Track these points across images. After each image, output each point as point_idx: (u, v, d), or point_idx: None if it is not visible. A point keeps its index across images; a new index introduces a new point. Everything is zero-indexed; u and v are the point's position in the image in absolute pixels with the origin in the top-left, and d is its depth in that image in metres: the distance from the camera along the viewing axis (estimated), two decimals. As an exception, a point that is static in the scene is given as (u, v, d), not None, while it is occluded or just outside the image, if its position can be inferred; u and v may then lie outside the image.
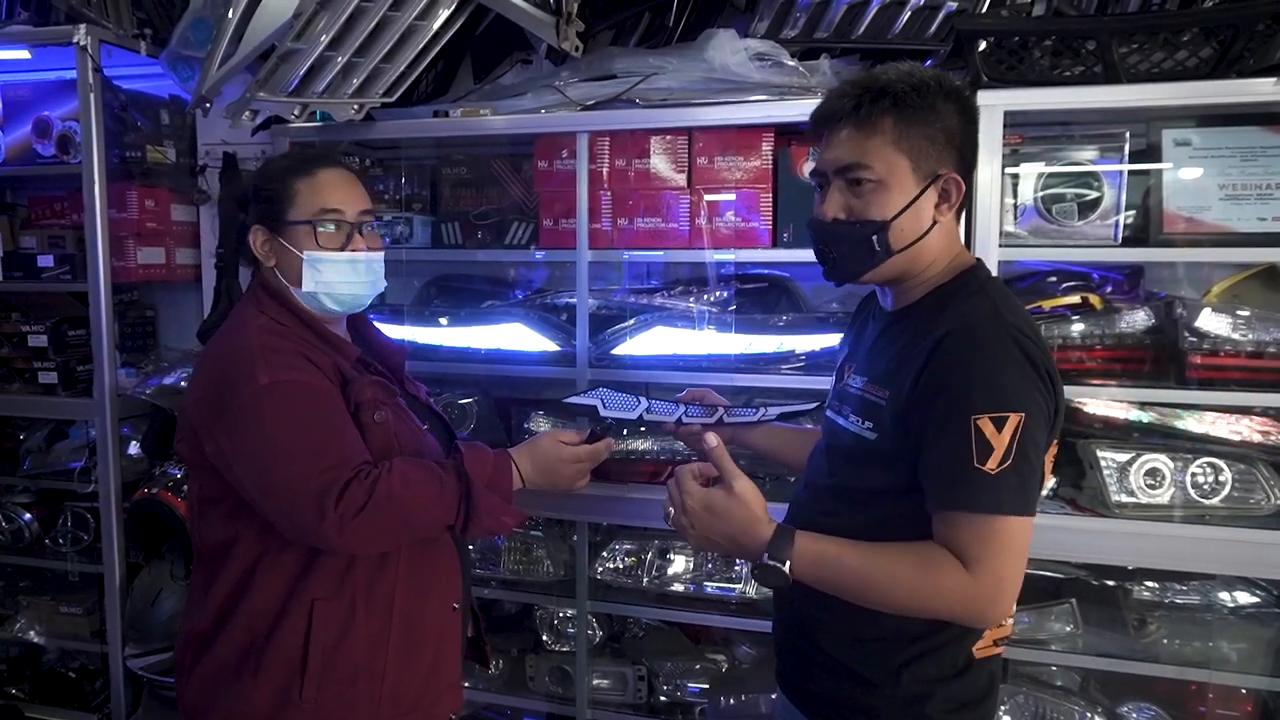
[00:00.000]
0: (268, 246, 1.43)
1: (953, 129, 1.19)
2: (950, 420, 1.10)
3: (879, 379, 1.24)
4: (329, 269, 1.41)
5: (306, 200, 1.41)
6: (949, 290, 1.23)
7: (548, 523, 2.29)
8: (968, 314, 1.17)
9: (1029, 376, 1.11)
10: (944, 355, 1.13)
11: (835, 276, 1.29)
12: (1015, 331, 1.13)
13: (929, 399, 1.13)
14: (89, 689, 2.71)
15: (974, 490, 1.09)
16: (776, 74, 1.93)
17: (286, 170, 1.44)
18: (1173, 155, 1.86)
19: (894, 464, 1.20)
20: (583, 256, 2.08)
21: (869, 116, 1.18)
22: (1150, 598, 2.00)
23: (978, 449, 1.09)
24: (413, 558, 1.44)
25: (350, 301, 1.45)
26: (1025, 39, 1.85)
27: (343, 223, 1.42)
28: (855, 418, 1.27)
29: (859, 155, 1.19)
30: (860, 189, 1.21)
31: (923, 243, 1.22)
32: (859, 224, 1.21)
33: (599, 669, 2.25)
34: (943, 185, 1.20)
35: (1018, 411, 1.09)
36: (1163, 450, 1.86)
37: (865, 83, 1.20)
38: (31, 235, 2.62)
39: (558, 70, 2.15)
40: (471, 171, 2.29)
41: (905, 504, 1.19)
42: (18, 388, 2.56)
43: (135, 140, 2.49)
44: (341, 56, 1.94)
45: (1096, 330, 1.90)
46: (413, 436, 1.46)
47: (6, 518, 2.68)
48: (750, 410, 1.66)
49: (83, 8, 2.29)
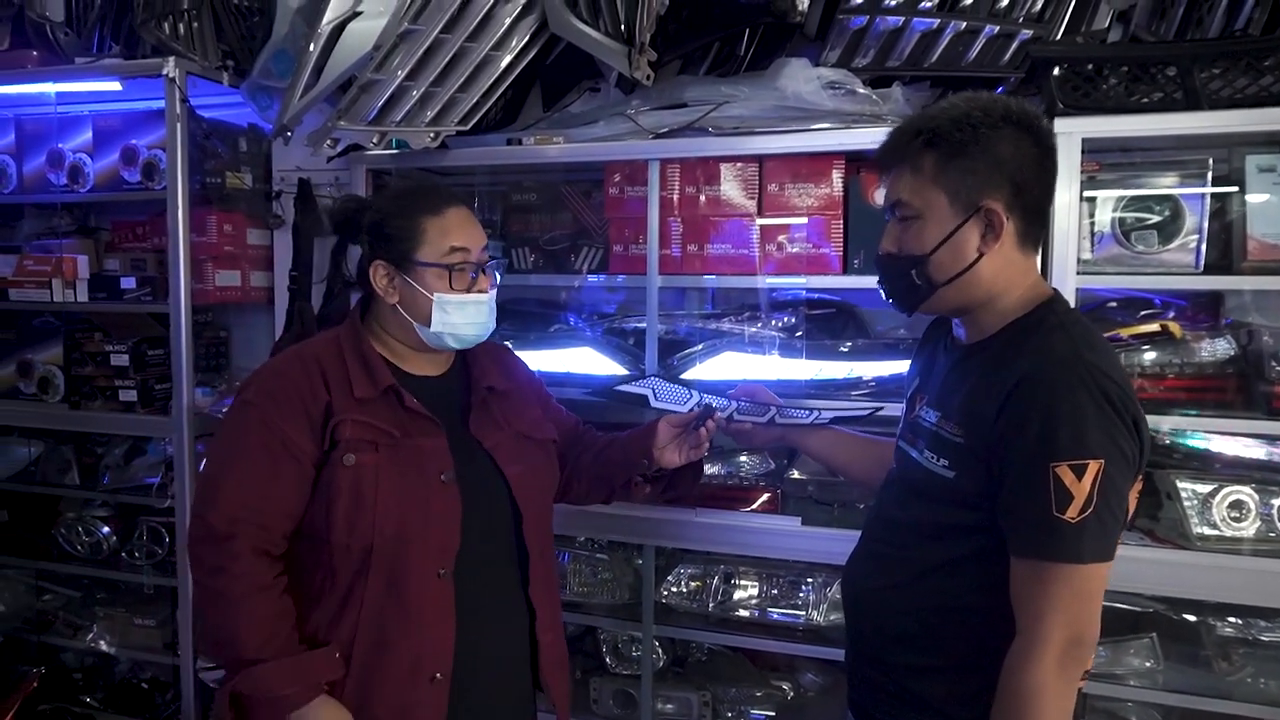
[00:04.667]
0: (391, 283, 1.43)
1: (1002, 158, 1.18)
2: (1030, 467, 1.10)
3: (955, 416, 1.23)
4: (456, 311, 1.41)
5: (436, 241, 1.41)
6: (1025, 325, 1.22)
7: (613, 545, 2.31)
8: (1046, 353, 1.15)
9: (1110, 420, 1.09)
10: (1022, 398, 1.12)
11: (897, 308, 1.33)
12: (1097, 373, 1.11)
13: (1009, 443, 1.13)
14: (160, 700, 2.77)
15: (1055, 539, 1.09)
16: (849, 102, 1.94)
17: (413, 208, 1.43)
18: (1256, 181, 1.83)
19: (971, 502, 1.19)
20: (653, 282, 2.10)
21: (908, 154, 1.22)
22: (1233, 634, 1.95)
23: (1057, 497, 1.08)
24: (379, 609, 1.34)
25: (471, 340, 1.46)
26: (1101, 65, 1.84)
27: (470, 264, 1.43)
28: (930, 454, 1.26)
29: (901, 192, 1.23)
30: (905, 225, 1.24)
31: (972, 276, 1.21)
32: (903, 258, 1.25)
33: (663, 693, 2.25)
34: (986, 217, 1.19)
35: (1098, 458, 1.08)
36: (1247, 482, 1.82)
37: (910, 121, 1.24)
38: (115, 258, 2.71)
39: (628, 98, 2.18)
40: (541, 197, 2.32)
41: (980, 541, 1.19)
42: (99, 405, 2.64)
43: (215, 167, 2.57)
44: (419, 87, 2.00)
45: (1176, 359, 1.87)
46: (409, 485, 1.36)
47: (86, 531, 2.76)
48: (805, 412, 1.65)
49: (170, 41, 2.39)
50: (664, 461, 1.56)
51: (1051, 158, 1.22)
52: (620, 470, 1.60)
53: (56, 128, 2.63)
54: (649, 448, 1.56)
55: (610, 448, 1.63)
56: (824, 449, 1.65)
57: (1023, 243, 1.23)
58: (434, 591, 1.37)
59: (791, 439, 1.65)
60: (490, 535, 1.44)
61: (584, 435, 1.70)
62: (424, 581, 1.36)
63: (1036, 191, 1.22)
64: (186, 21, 2.40)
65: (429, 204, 1.43)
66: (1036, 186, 1.21)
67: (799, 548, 2.03)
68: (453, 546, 1.38)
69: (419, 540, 1.36)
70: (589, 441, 1.68)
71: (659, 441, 1.56)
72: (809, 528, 2.02)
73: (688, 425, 1.55)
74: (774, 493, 2.12)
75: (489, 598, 1.44)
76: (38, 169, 2.68)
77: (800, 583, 2.14)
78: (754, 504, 2.11)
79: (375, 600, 1.35)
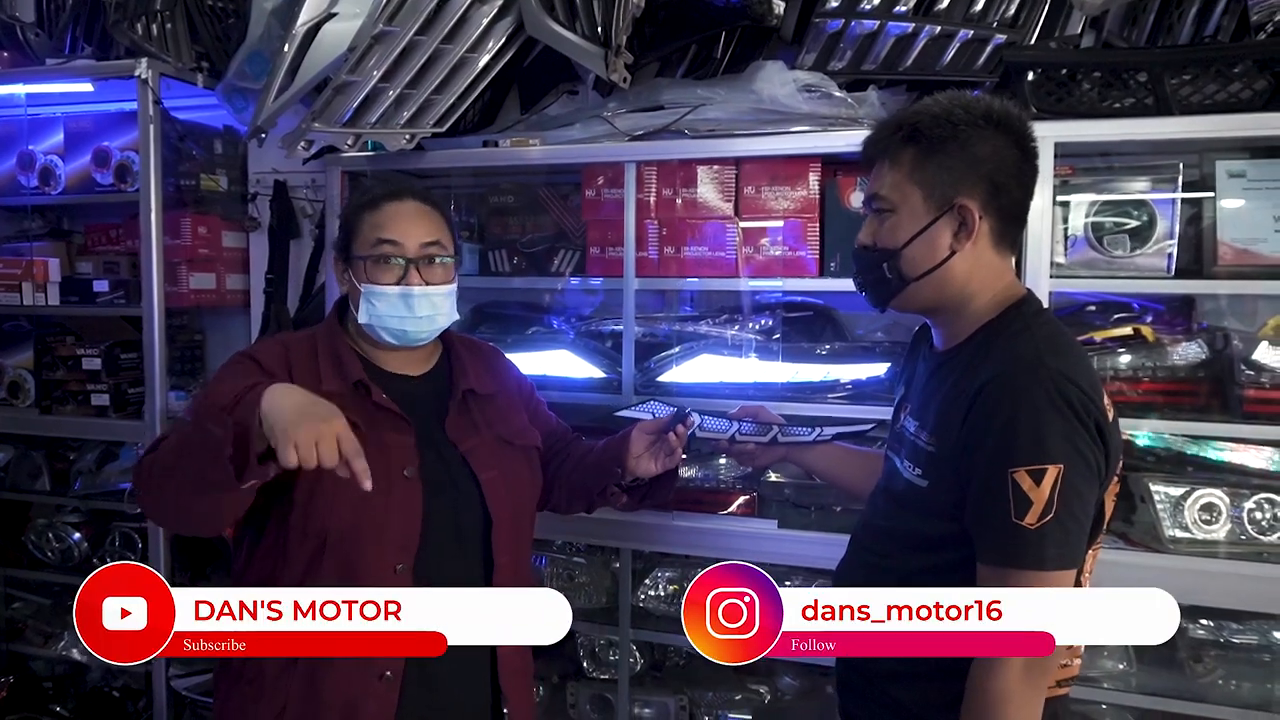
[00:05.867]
0: (342, 275, 1.47)
1: (981, 157, 1.18)
2: (990, 474, 1.10)
3: (929, 426, 1.23)
4: (381, 302, 1.40)
5: (367, 233, 1.42)
6: (994, 329, 1.22)
7: (590, 549, 2.30)
8: (1009, 358, 1.15)
9: (1071, 425, 1.09)
10: (983, 405, 1.12)
11: (870, 301, 1.33)
12: (1058, 376, 1.10)
13: (971, 450, 1.13)
14: (132, 709, 2.73)
15: (1015, 546, 1.09)
16: (824, 105, 1.94)
17: (357, 203, 1.47)
18: (1226, 187, 1.85)
19: (948, 513, 1.19)
20: (630, 284, 2.09)
21: (889, 149, 1.23)
22: (1205, 636, 1.96)
23: (1015, 503, 1.08)
24: None
25: (403, 336, 1.43)
26: (1074, 71, 1.85)
27: (399, 256, 1.41)
28: (908, 463, 1.27)
29: (878, 186, 1.25)
30: (881, 217, 1.25)
31: (944, 273, 1.22)
32: (876, 251, 1.26)
33: (640, 697, 2.24)
34: (959, 215, 1.20)
35: (1056, 463, 1.07)
36: (1218, 485, 1.83)
37: (894, 117, 1.26)
38: (88, 261, 2.68)
39: (605, 101, 2.18)
40: (518, 200, 2.32)
41: (958, 553, 1.18)
42: (71, 409, 2.61)
43: (190, 169, 2.55)
44: (394, 89, 1.99)
45: (1149, 362, 1.88)
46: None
47: (57, 537, 2.72)
48: (806, 430, 1.62)
49: (144, 42, 2.36)
50: (639, 471, 1.54)
51: (1032, 161, 1.22)
52: (596, 480, 1.59)
53: (27, 129, 2.61)
54: (623, 456, 1.54)
55: (587, 456, 1.62)
56: (830, 467, 1.63)
57: (998, 244, 1.23)
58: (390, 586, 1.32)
59: (794, 458, 1.63)
60: (457, 539, 1.42)
61: (571, 444, 1.68)
62: (380, 575, 1.33)
63: (1015, 193, 1.22)
64: (160, 22, 2.38)
65: (370, 199, 1.45)
66: (1015, 188, 1.21)
67: (776, 550, 2.03)
68: (412, 543, 1.36)
69: (376, 532, 1.34)
70: (573, 450, 1.66)
71: (633, 451, 1.54)
72: (786, 530, 2.02)
73: (660, 431, 1.53)
74: (751, 496, 2.12)
75: None
76: (8, 171, 2.66)
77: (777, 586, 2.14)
78: (731, 507, 2.11)
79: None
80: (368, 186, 1.63)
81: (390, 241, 1.41)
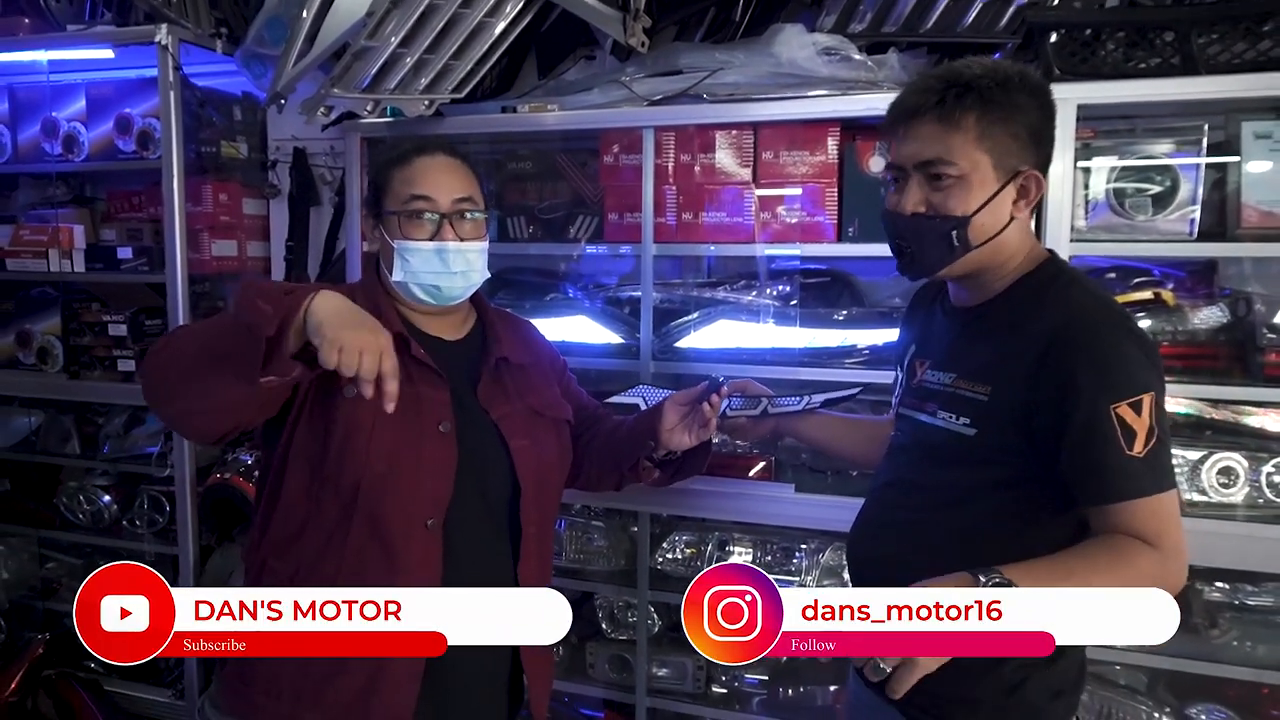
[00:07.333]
0: (373, 233, 1.46)
1: (1035, 125, 1.20)
2: (1091, 414, 1.11)
3: (975, 375, 1.23)
4: (415, 258, 1.39)
5: (399, 189, 1.40)
6: (1036, 283, 1.23)
7: (608, 512, 2.33)
8: (1074, 305, 1.18)
9: (1147, 353, 1.15)
10: (1064, 349, 1.14)
11: (911, 270, 1.29)
12: (1124, 315, 1.18)
13: (1060, 397, 1.13)
14: (163, 665, 2.80)
15: (1130, 477, 1.11)
16: (844, 68, 1.93)
17: (387, 160, 1.44)
18: (1252, 148, 1.82)
19: (995, 459, 1.20)
20: (648, 250, 2.10)
21: (953, 112, 1.18)
22: (1221, 598, 1.97)
23: (1124, 437, 1.11)
24: (362, 550, 1.32)
25: (436, 293, 1.42)
26: (1098, 30, 1.82)
27: (432, 212, 1.39)
28: (946, 414, 1.26)
29: (941, 151, 1.19)
30: (940, 184, 1.21)
31: (1001, 238, 1.22)
32: (939, 219, 1.21)
33: (658, 658, 2.28)
34: (1022, 182, 1.20)
35: (1148, 391, 1.12)
36: (1236, 449, 1.83)
37: (949, 77, 1.20)
38: (111, 228, 2.70)
39: (623, 66, 2.16)
40: (536, 166, 2.31)
41: (1003, 499, 1.20)
42: (98, 375, 2.66)
43: (210, 136, 2.56)
44: (412, 54, 1.98)
45: (1169, 326, 1.88)
46: (405, 427, 1.32)
47: (87, 499, 2.79)
48: (795, 399, 1.62)
49: (163, 8, 2.37)
50: (673, 444, 1.52)
51: (1054, 125, 1.24)
52: (628, 454, 1.57)
53: (49, 96, 2.62)
54: (656, 429, 1.52)
55: (617, 431, 1.61)
56: (821, 435, 1.64)
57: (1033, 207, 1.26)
58: (419, 541, 1.33)
59: (786, 428, 1.63)
60: (486, 504, 1.41)
61: (601, 420, 1.67)
62: (410, 528, 1.32)
63: (1050, 158, 1.25)
64: (179, -12, 2.38)
65: (400, 154, 1.43)
66: (1051, 153, 1.24)
67: (793, 514, 2.05)
68: (444, 498, 1.35)
69: (409, 484, 1.33)
70: (603, 426, 1.65)
71: (666, 423, 1.51)
72: (803, 494, 2.04)
73: (694, 401, 1.51)
74: (768, 460, 2.14)
75: (476, 566, 1.39)
76: (32, 138, 2.68)
77: (794, 549, 2.16)
78: (748, 471, 2.13)
79: (359, 541, 1.32)
80: (394, 142, 1.59)
81: (423, 197, 1.39)
